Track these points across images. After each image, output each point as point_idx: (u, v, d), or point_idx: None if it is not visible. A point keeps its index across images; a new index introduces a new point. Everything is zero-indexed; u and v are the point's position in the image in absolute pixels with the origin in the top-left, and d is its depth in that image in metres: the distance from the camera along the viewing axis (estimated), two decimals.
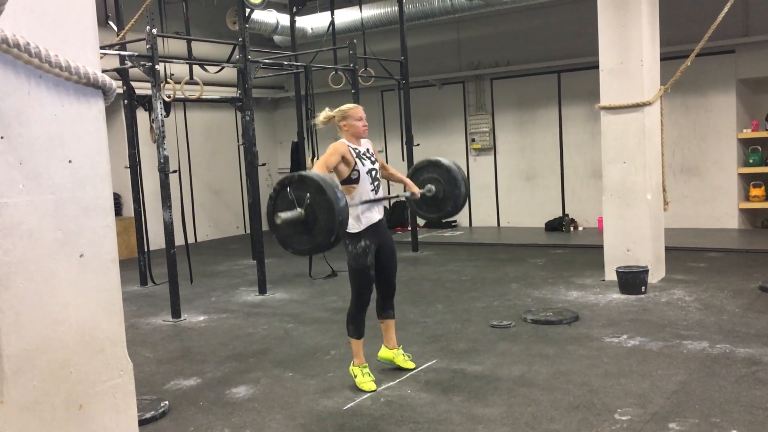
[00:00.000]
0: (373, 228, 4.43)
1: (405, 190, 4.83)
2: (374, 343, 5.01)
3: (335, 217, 3.61)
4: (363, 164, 4.42)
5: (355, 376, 4.52)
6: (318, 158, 9.03)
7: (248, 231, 12.82)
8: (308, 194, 3.66)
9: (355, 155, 4.39)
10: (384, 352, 4.83)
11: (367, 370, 4.54)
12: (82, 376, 2.46)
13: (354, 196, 4.38)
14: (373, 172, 4.48)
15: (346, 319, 4.60)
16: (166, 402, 4.40)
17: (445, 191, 4.91)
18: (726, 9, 6.66)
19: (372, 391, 4.41)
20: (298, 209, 3.68)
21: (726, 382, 4.23)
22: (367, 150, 4.52)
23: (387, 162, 10.66)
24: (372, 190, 4.44)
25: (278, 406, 4.30)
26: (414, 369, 4.80)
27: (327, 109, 4.56)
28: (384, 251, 4.55)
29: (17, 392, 2.26)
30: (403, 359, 4.82)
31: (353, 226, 4.36)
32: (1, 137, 2.21)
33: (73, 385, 2.43)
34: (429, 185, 4.92)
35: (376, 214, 4.47)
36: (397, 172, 4.84)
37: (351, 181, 4.38)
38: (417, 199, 4.88)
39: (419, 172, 5.01)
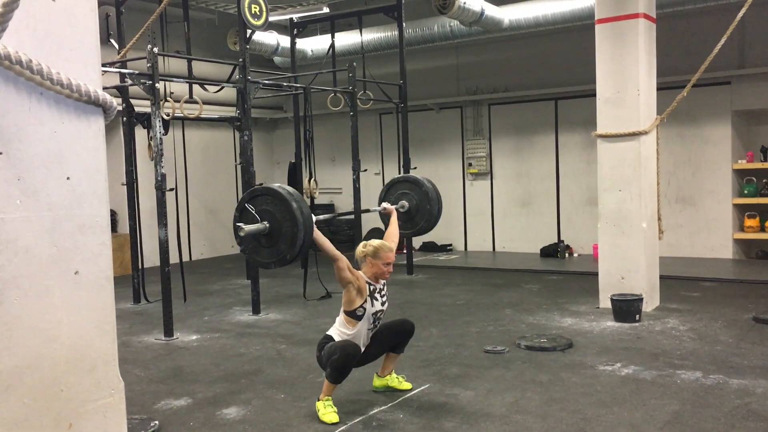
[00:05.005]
0: None
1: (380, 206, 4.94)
2: (371, 370, 4.98)
3: (298, 222, 3.64)
4: (372, 305, 4.46)
5: (318, 410, 4.33)
6: (313, 185, 9.10)
7: None
8: (269, 202, 3.71)
9: (368, 292, 4.44)
10: (377, 381, 4.81)
11: (330, 402, 4.34)
12: (73, 395, 2.45)
13: (352, 333, 4.42)
14: (379, 314, 4.53)
15: (325, 360, 4.39)
16: (156, 422, 4.36)
17: (418, 206, 4.98)
18: (723, 41, 6.73)
19: (334, 423, 4.22)
20: (262, 222, 3.69)
21: (719, 413, 4.21)
22: (383, 287, 4.59)
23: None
24: (369, 329, 4.51)
25: (269, 429, 4.26)
26: (410, 390, 4.78)
27: (361, 245, 4.56)
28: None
29: (7, 410, 2.24)
30: (397, 381, 4.80)
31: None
32: (0, 153, 2.22)
33: (63, 404, 2.41)
34: (402, 201, 5.01)
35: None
36: (393, 230, 4.88)
37: (355, 316, 4.42)
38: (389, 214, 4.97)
39: (393, 188, 5.11)
